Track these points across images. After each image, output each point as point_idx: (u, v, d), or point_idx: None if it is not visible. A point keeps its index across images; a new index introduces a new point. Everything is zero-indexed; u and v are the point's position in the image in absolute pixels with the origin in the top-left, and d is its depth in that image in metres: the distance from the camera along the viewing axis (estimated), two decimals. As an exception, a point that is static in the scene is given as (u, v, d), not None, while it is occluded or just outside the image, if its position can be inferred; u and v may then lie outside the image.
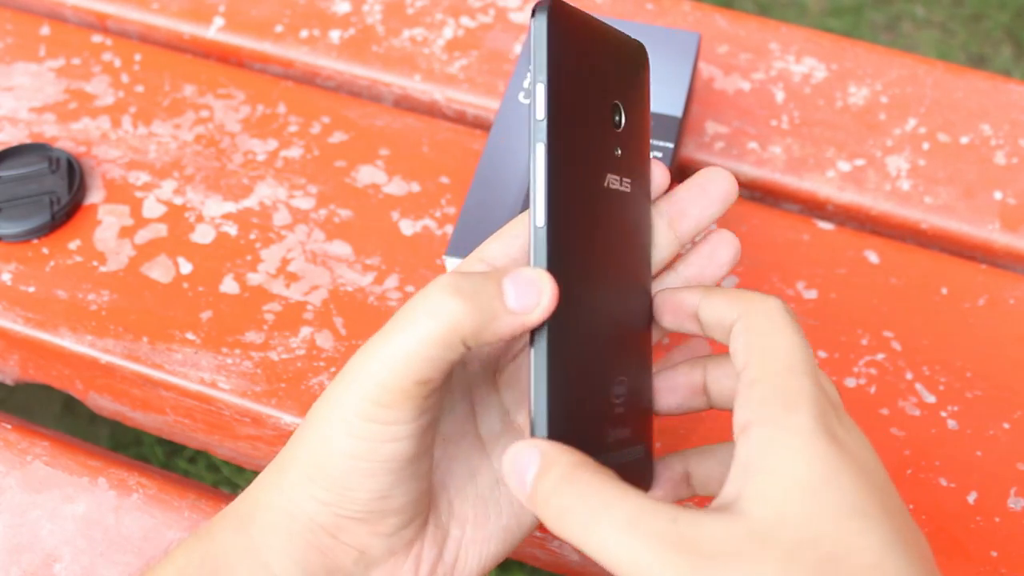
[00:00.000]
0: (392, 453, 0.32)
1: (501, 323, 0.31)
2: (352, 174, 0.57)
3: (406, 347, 0.31)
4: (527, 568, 1.00)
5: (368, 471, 0.32)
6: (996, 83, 0.62)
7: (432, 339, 0.31)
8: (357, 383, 0.31)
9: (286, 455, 0.34)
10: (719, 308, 0.34)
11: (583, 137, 0.33)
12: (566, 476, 0.30)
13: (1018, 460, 0.48)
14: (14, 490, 0.47)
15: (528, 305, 0.31)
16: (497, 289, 0.31)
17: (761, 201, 0.59)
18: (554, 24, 0.32)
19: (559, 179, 0.32)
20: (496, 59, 0.62)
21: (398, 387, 0.31)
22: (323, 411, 0.32)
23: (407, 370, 0.31)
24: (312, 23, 0.64)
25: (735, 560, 0.27)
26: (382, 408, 0.31)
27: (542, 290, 0.31)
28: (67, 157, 0.56)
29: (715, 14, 0.64)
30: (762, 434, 0.30)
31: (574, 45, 0.33)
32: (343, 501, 0.32)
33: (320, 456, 0.32)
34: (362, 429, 0.31)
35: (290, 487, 0.33)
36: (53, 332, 0.51)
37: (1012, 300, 0.53)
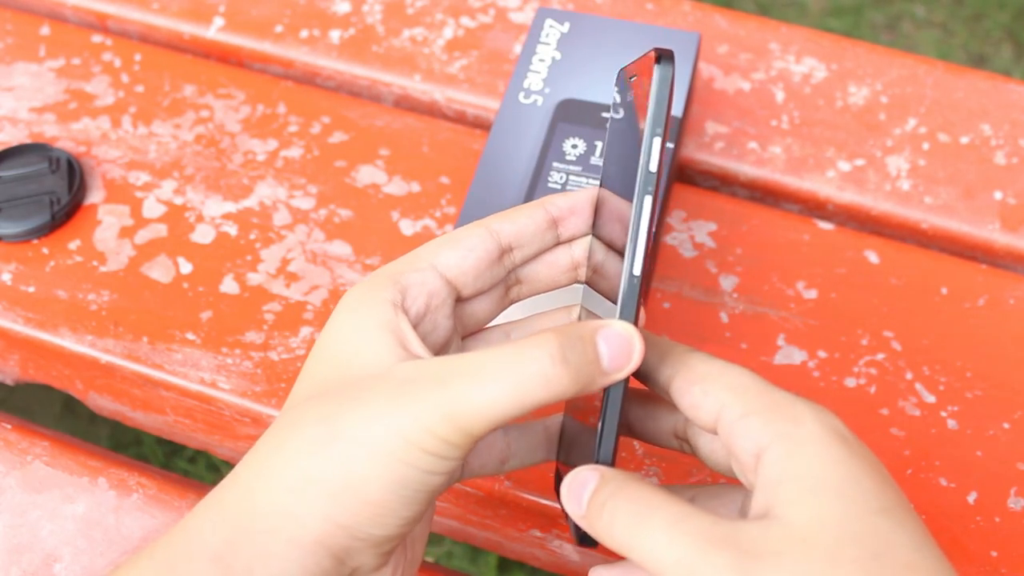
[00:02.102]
0: (440, 484, 0.32)
1: (595, 386, 0.32)
2: (352, 174, 0.57)
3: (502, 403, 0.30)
4: (527, 568, 1.00)
5: (410, 499, 0.31)
6: (996, 83, 0.62)
7: (530, 404, 0.31)
8: (427, 414, 0.30)
9: (289, 473, 0.32)
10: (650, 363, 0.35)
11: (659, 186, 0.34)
12: (619, 487, 0.31)
13: (1018, 460, 0.48)
14: (14, 490, 0.47)
15: (621, 365, 0.32)
16: (595, 354, 0.31)
17: (761, 201, 0.59)
18: (669, 77, 0.32)
19: (648, 230, 0.33)
20: (496, 59, 0.62)
21: (470, 430, 0.31)
22: (367, 431, 0.31)
23: (493, 421, 0.31)
24: (312, 23, 0.64)
25: (779, 558, 0.28)
26: (450, 446, 0.31)
27: (633, 348, 0.32)
28: (67, 157, 0.56)
29: (715, 14, 0.64)
30: (779, 450, 0.30)
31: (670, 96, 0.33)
32: (369, 526, 0.31)
33: (355, 477, 0.31)
34: (421, 459, 0.31)
35: (299, 509, 0.31)
36: (53, 332, 0.51)
37: (1012, 300, 0.53)
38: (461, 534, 0.52)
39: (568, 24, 0.56)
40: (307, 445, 0.32)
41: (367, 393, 0.32)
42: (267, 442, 0.33)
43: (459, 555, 1.01)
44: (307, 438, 0.32)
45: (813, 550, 0.28)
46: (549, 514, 0.47)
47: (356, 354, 0.34)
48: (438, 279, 0.36)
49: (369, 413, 0.31)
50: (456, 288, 0.37)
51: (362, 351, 0.33)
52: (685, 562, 0.28)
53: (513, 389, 0.30)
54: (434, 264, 0.36)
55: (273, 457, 0.32)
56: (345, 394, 0.32)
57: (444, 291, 0.36)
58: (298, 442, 0.32)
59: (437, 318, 0.36)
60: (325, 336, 0.35)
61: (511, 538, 0.50)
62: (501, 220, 0.37)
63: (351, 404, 0.32)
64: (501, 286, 0.39)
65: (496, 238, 0.37)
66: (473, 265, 0.36)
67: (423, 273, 0.36)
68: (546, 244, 0.38)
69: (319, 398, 0.33)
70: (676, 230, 0.55)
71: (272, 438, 0.33)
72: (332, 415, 0.32)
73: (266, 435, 0.34)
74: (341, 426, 0.31)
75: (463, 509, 0.50)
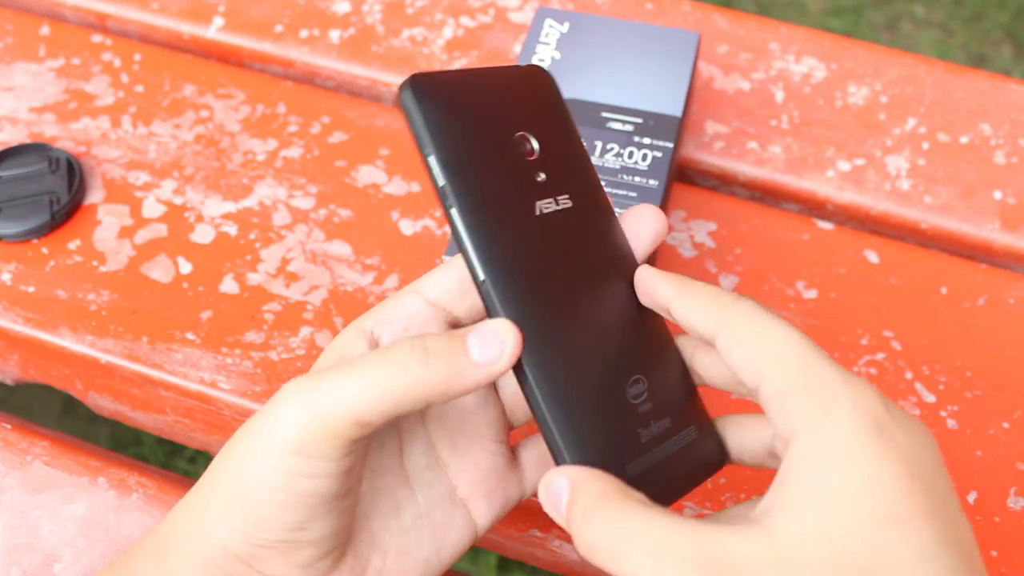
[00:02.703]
0: (311, 489, 0.32)
1: (467, 377, 0.32)
2: (352, 174, 0.57)
3: (364, 392, 0.31)
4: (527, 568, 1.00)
5: (285, 503, 0.32)
6: (996, 83, 0.62)
7: (396, 396, 0.31)
8: (294, 413, 0.31)
9: (207, 480, 0.34)
10: (693, 316, 0.33)
11: (492, 182, 0.34)
12: (593, 505, 0.30)
13: (1018, 460, 0.48)
14: (14, 490, 0.47)
15: (492, 356, 0.32)
16: (462, 345, 0.32)
17: (761, 201, 0.59)
18: (422, 96, 0.33)
19: (482, 231, 0.33)
20: (496, 59, 0.62)
21: (336, 428, 0.31)
22: (248, 437, 0.32)
23: (359, 417, 0.31)
24: (312, 23, 0.64)
25: None
26: (319, 447, 0.31)
27: (504, 339, 0.32)
28: (67, 157, 0.56)
29: (715, 14, 0.64)
30: (800, 446, 0.29)
31: (451, 105, 0.34)
32: (257, 530, 0.32)
33: (239, 483, 0.32)
34: (285, 461, 0.31)
35: (207, 514, 0.33)
36: (53, 332, 0.51)
37: (1012, 300, 0.53)
38: (461, 534, 0.52)
39: (568, 24, 0.56)
40: (219, 461, 0.34)
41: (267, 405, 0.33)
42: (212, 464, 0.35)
43: (459, 555, 1.01)
44: (221, 457, 0.34)
45: (796, 571, 0.27)
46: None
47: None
48: (418, 302, 0.35)
49: (254, 421, 0.33)
50: (444, 309, 0.36)
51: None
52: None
53: (375, 382, 0.31)
54: (416, 288, 0.36)
55: (204, 475, 0.35)
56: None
57: (426, 312, 0.35)
58: (217, 462, 0.34)
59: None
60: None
61: (511, 538, 0.50)
62: None
63: (257, 416, 0.33)
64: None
65: None
66: (456, 282, 0.36)
67: (403, 298, 0.36)
68: None
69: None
70: (676, 230, 0.55)
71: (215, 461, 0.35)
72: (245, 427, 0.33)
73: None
74: (236, 439, 0.33)
75: (463, 509, 0.50)
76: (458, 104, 0.34)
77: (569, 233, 0.35)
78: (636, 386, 0.35)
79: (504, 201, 0.34)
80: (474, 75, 0.36)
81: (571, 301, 0.34)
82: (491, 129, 0.35)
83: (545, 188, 0.35)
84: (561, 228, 0.35)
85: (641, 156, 0.51)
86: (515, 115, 0.36)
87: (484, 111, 0.35)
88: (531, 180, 0.35)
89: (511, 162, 0.35)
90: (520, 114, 0.36)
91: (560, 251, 0.35)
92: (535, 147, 0.36)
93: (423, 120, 0.33)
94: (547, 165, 0.36)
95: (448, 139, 0.33)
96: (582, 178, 0.37)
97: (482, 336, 0.32)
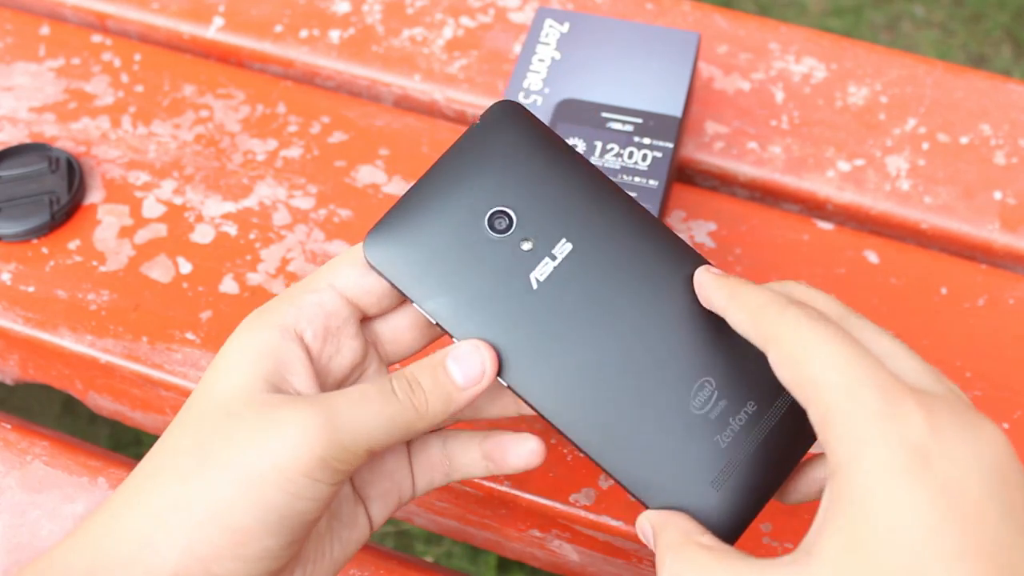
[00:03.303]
0: (309, 512, 0.32)
1: (457, 402, 0.34)
2: (352, 174, 0.57)
3: (380, 425, 0.32)
4: (527, 568, 1.00)
5: (275, 527, 0.31)
6: (996, 83, 0.62)
7: (402, 427, 0.33)
8: (313, 436, 0.31)
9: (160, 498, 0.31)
10: (744, 328, 0.32)
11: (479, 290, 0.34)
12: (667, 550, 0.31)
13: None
14: (14, 490, 0.47)
15: (474, 377, 0.34)
16: (446, 375, 0.34)
17: (761, 201, 0.59)
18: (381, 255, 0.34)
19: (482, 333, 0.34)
20: (496, 59, 0.62)
21: (351, 454, 0.32)
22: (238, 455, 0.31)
23: (371, 441, 0.32)
24: (312, 23, 0.64)
25: None
26: (327, 469, 0.31)
27: (482, 358, 0.34)
28: (67, 157, 0.56)
29: (715, 14, 0.64)
30: (837, 484, 0.28)
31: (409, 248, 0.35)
32: (227, 558, 0.31)
33: (220, 504, 0.31)
34: (293, 483, 0.31)
35: (162, 537, 0.31)
36: (53, 332, 0.51)
37: (1012, 300, 0.53)
38: (461, 534, 0.52)
39: (568, 24, 0.56)
40: (178, 473, 0.32)
41: (238, 420, 0.32)
42: (143, 467, 0.33)
43: (459, 555, 1.01)
44: (179, 467, 0.32)
45: None
46: (549, 514, 0.47)
47: (227, 380, 0.33)
48: (335, 298, 0.35)
49: (241, 438, 0.31)
50: (359, 306, 0.35)
51: (232, 376, 0.33)
52: None
53: (387, 417, 0.32)
54: (332, 283, 0.35)
55: (146, 483, 0.32)
56: (218, 421, 0.32)
57: (344, 311, 0.35)
58: (171, 470, 0.32)
59: (340, 340, 0.35)
60: (216, 358, 0.35)
61: (511, 538, 0.50)
62: None
63: (223, 431, 0.32)
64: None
65: None
66: (376, 281, 0.35)
67: (320, 294, 0.35)
68: None
69: (195, 425, 0.33)
70: (676, 230, 0.55)
71: (149, 463, 0.33)
72: (203, 443, 0.32)
73: (143, 460, 0.33)
74: (214, 454, 0.31)
75: (463, 509, 0.50)
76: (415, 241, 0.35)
77: (581, 278, 0.35)
78: (703, 392, 0.34)
79: (495, 302, 0.34)
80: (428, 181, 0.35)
81: (605, 345, 0.34)
82: (457, 237, 0.35)
83: (534, 253, 0.35)
84: (570, 279, 0.35)
85: (641, 156, 0.51)
86: (479, 198, 0.35)
87: (444, 223, 0.35)
88: (517, 256, 0.35)
89: (489, 254, 0.35)
90: (486, 191, 0.35)
91: (576, 302, 0.34)
92: (512, 217, 0.35)
93: (391, 277, 0.34)
94: (530, 226, 0.35)
95: (420, 282, 0.34)
96: (581, 206, 0.35)
97: (463, 362, 0.34)
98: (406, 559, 0.47)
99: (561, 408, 0.34)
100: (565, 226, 0.35)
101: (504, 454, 0.37)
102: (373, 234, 0.35)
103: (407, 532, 1.02)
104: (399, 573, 0.46)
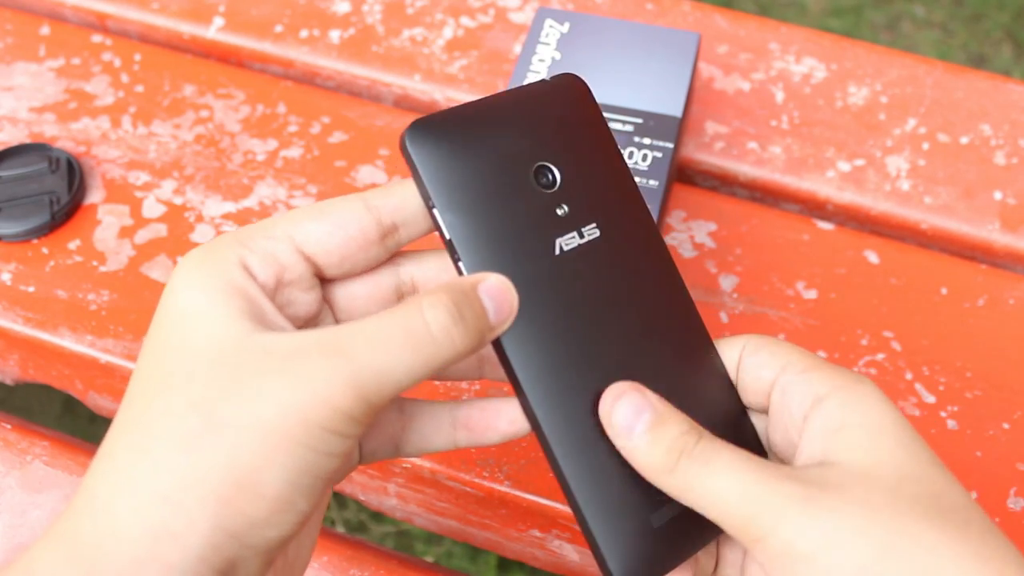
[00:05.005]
0: (336, 469, 0.28)
1: (487, 339, 0.31)
2: (352, 174, 0.57)
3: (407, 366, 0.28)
4: (527, 568, 1.00)
5: (309, 488, 0.27)
6: (996, 83, 0.62)
7: (435, 365, 0.29)
8: (328, 387, 0.27)
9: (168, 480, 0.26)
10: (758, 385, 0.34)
11: (502, 229, 0.32)
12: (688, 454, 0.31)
13: (1018, 460, 0.48)
14: (14, 490, 0.47)
15: (505, 316, 0.31)
16: (482, 308, 0.30)
17: (761, 201, 0.59)
18: (421, 145, 0.32)
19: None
20: (496, 59, 0.62)
21: (381, 402, 0.28)
22: (255, 414, 0.27)
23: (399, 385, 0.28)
24: (312, 23, 0.64)
25: (842, 491, 0.29)
26: (352, 420, 0.28)
27: (513, 297, 0.31)
28: (67, 157, 0.56)
29: (715, 14, 0.64)
30: (837, 399, 0.31)
31: (454, 151, 0.32)
32: (262, 527, 0.27)
33: (245, 471, 0.26)
34: (322, 440, 0.27)
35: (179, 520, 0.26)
36: (53, 332, 0.51)
37: (1012, 300, 0.53)
38: (461, 534, 0.52)
39: (568, 24, 0.56)
40: (179, 441, 0.27)
41: (245, 371, 0.27)
42: (124, 445, 0.28)
43: (459, 555, 1.01)
44: (179, 433, 0.27)
45: (876, 484, 0.29)
46: (549, 514, 0.47)
47: (201, 322, 0.28)
48: (292, 252, 0.31)
49: (254, 394, 0.27)
50: (317, 265, 0.32)
51: (208, 318, 0.28)
52: (749, 495, 0.29)
53: (415, 351, 0.28)
54: (291, 235, 0.31)
55: (138, 463, 0.27)
56: (214, 373, 0.27)
57: (300, 266, 0.31)
58: (167, 440, 0.27)
59: (292, 293, 0.31)
60: (163, 305, 0.29)
61: (511, 538, 0.50)
62: (381, 194, 0.32)
63: (229, 385, 0.27)
64: (390, 279, 0.34)
65: (375, 214, 0.32)
66: (340, 243, 0.31)
67: (275, 242, 0.31)
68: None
69: (183, 382, 0.28)
70: (676, 230, 0.55)
71: (129, 438, 0.28)
72: (206, 400, 0.27)
73: (116, 436, 0.28)
74: (221, 412, 0.27)
75: (463, 509, 0.50)
76: (463, 148, 0.32)
77: (598, 266, 0.33)
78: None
79: (516, 247, 0.32)
80: (491, 104, 0.33)
81: (599, 342, 0.33)
82: (502, 168, 0.33)
83: (567, 222, 0.33)
84: (587, 264, 0.33)
85: (641, 156, 0.51)
86: (533, 144, 0.33)
87: (494, 149, 0.33)
88: (549, 216, 0.33)
89: (526, 201, 0.33)
90: (540, 141, 0.34)
91: (589, 284, 0.33)
92: (556, 177, 0.34)
93: (424, 171, 0.32)
94: (570, 195, 0.34)
95: (451, 189, 0.32)
96: (615, 202, 0.34)
97: (495, 296, 0.30)
98: (406, 559, 0.47)
99: (544, 391, 0.32)
100: (599, 213, 0.34)
101: (490, 420, 0.34)
102: (422, 122, 0.32)
103: (407, 532, 1.02)
104: (399, 573, 0.46)
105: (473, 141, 0.33)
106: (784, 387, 0.33)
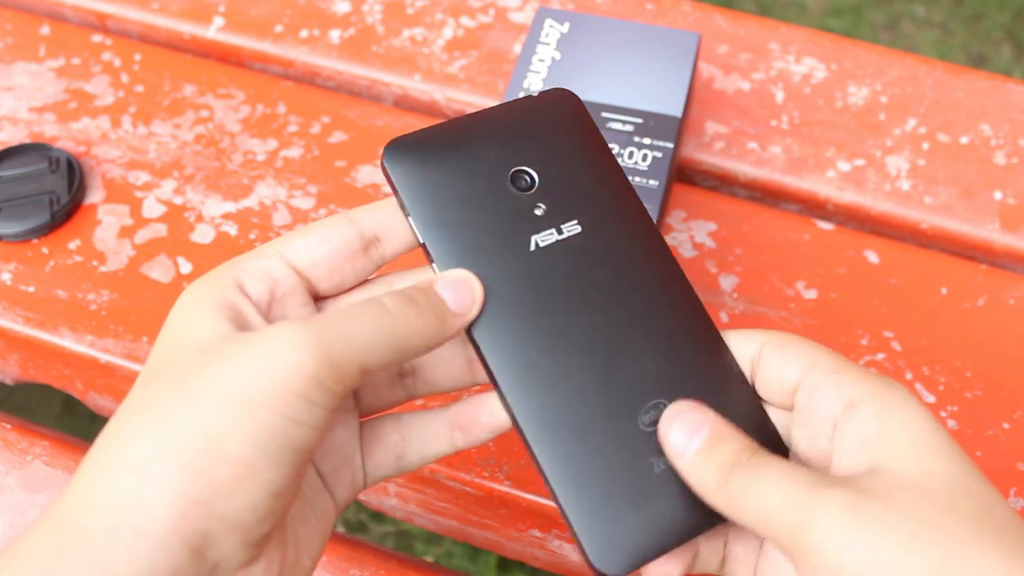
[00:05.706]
0: (308, 440, 0.29)
1: (450, 327, 0.32)
2: (352, 174, 0.57)
3: (373, 339, 0.30)
4: (527, 568, 1.00)
5: (275, 457, 0.28)
6: (996, 83, 0.62)
7: (398, 343, 0.31)
8: (301, 355, 0.29)
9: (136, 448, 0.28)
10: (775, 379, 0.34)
11: (476, 230, 0.34)
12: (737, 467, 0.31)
13: (1018, 460, 0.48)
14: (14, 490, 0.47)
15: (467, 304, 0.33)
16: (439, 298, 0.33)
17: (761, 201, 0.59)
18: (397, 160, 0.34)
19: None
20: (496, 59, 0.62)
21: (344, 373, 0.30)
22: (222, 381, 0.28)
23: (366, 359, 0.30)
24: (312, 23, 0.64)
25: (891, 501, 0.28)
26: (322, 389, 0.29)
27: (472, 287, 0.33)
28: (67, 157, 0.56)
29: (715, 14, 0.64)
30: (873, 407, 0.31)
31: (428, 163, 0.34)
32: (229, 494, 0.28)
33: (211, 435, 0.28)
34: (289, 405, 0.28)
35: (147, 488, 0.27)
36: (53, 332, 0.51)
37: (1012, 300, 0.53)
38: (461, 534, 0.52)
39: (568, 24, 0.56)
40: (153, 416, 0.28)
41: (213, 353, 0.29)
42: (108, 429, 0.30)
43: (459, 555, 1.01)
44: (152, 410, 0.29)
45: (927, 496, 0.28)
46: (549, 514, 0.47)
47: (192, 326, 0.31)
48: (283, 267, 0.33)
49: (223, 367, 0.29)
50: (308, 279, 0.34)
51: (199, 323, 0.31)
52: (797, 502, 0.29)
53: (376, 319, 0.31)
54: (281, 252, 0.34)
55: (115, 442, 0.29)
56: (192, 359, 0.30)
57: (291, 280, 0.34)
58: (142, 417, 0.29)
59: (286, 306, 0.34)
60: (165, 322, 0.32)
61: (511, 538, 0.50)
62: (364, 209, 0.35)
63: (200, 366, 0.29)
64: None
65: (357, 227, 0.34)
66: (327, 255, 0.34)
67: (266, 260, 0.33)
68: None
69: (165, 370, 0.30)
70: (676, 230, 0.55)
71: (114, 423, 0.30)
72: (181, 381, 0.29)
73: (110, 422, 0.30)
74: (192, 386, 0.28)
75: (463, 509, 0.50)
76: (438, 158, 0.34)
77: (575, 264, 0.34)
78: (654, 411, 0.33)
79: (488, 246, 0.34)
80: (474, 118, 0.35)
81: (577, 333, 0.33)
82: (477, 174, 0.34)
83: (544, 220, 0.35)
84: (565, 260, 0.34)
85: (641, 156, 0.51)
86: (512, 152, 0.35)
87: (471, 158, 0.35)
88: (526, 216, 0.34)
89: (502, 203, 0.34)
90: (519, 149, 0.35)
91: (565, 280, 0.34)
92: (534, 180, 0.35)
93: (398, 181, 0.34)
94: (549, 195, 0.35)
95: (425, 196, 0.34)
96: (601, 200, 0.35)
97: (451, 287, 0.33)
98: (406, 559, 0.47)
99: (515, 380, 0.33)
100: (581, 210, 0.35)
101: (475, 415, 0.35)
102: (398, 140, 0.34)
103: (407, 532, 1.02)
104: (399, 573, 0.46)
105: (450, 152, 0.35)
106: (811, 388, 0.32)
